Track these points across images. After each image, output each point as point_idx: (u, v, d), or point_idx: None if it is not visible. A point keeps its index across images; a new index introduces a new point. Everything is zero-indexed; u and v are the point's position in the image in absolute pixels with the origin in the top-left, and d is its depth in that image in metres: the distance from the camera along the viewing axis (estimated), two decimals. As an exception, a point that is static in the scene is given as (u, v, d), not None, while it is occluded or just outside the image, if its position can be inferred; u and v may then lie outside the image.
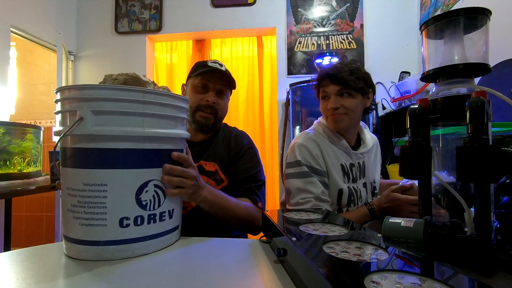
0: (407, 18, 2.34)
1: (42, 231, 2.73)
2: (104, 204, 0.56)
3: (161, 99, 0.62)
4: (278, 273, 0.52)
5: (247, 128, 2.64)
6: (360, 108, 0.98)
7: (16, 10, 2.07)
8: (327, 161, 0.97)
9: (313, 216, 0.70)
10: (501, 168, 0.54)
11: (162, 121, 0.62)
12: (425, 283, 0.34)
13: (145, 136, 0.59)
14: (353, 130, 1.03)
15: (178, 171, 0.66)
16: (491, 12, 0.56)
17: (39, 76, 2.96)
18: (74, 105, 0.57)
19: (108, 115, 0.56)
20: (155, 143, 0.62)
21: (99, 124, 0.56)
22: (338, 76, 0.93)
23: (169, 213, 0.65)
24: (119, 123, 0.57)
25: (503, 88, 1.08)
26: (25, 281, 0.48)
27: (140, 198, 0.59)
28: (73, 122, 0.55)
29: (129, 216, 0.58)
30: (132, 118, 0.58)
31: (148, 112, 0.59)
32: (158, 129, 0.61)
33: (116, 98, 0.57)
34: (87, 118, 0.55)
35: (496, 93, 0.50)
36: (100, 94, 0.56)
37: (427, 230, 0.48)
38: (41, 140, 1.65)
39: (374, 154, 1.10)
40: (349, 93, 0.94)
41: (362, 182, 1.02)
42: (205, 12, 2.54)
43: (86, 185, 0.56)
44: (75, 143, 0.57)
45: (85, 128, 0.55)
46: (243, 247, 0.67)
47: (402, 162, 0.58)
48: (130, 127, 0.57)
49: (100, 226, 0.57)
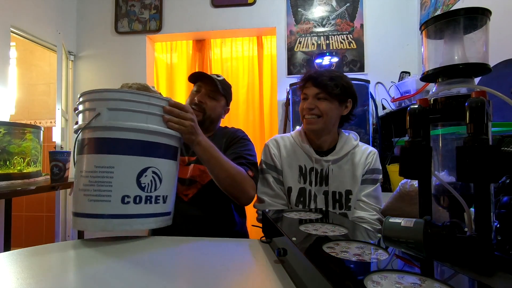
0: (407, 18, 2.34)
1: (42, 231, 2.73)
2: (110, 183, 0.68)
3: (162, 103, 0.75)
4: (278, 273, 0.52)
5: (247, 128, 2.64)
6: (335, 114, 1.00)
7: (16, 10, 2.07)
8: (283, 160, 1.04)
9: (313, 216, 0.70)
10: (501, 168, 0.54)
11: (161, 120, 0.75)
12: (425, 283, 0.34)
13: (148, 130, 0.72)
14: (327, 135, 1.02)
15: (177, 112, 0.78)
16: (491, 12, 0.56)
17: (39, 76, 2.96)
18: (94, 104, 0.70)
19: (119, 112, 0.70)
20: (155, 136, 0.73)
21: (112, 118, 0.69)
22: (318, 79, 0.97)
23: (163, 198, 0.76)
24: (128, 118, 0.70)
25: (503, 88, 1.08)
26: (25, 281, 0.48)
27: (140, 181, 0.70)
28: (92, 117, 0.69)
29: (129, 195, 0.69)
30: (138, 115, 0.71)
31: (151, 112, 0.73)
32: (158, 125, 0.74)
33: (127, 99, 0.70)
34: (103, 113, 0.69)
35: (496, 93, 0.50)
36: (114, 96, 0.70)
37: (427, 230, 0.48)
38: (41, 140, 1.65)
39: (353, 165, 1.01)
40: (325, 97, 0.97)
41: (323, 189, 1.00)
42: (205, 12, 2.54)
43: (97, 167, 0.69)
44: (92, 134, 0.70)
45: (101, 121, 0.69)
46: (243, 247, 0.67)
47: (402, 162, 0.58)
48: (136, 122, 0.70)
49: (106, 201, 0.67)
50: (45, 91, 2.94)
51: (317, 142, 1.03)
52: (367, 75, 2.33)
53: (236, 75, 2.73)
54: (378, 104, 2.23)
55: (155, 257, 0.60)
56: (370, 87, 2.06)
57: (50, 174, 1.45)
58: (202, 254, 0.63)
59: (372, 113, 2.15)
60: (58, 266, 0.57)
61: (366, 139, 1.88)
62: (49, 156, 1.44)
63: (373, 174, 1.02)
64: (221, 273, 0.53)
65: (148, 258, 0.59)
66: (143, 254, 0.62)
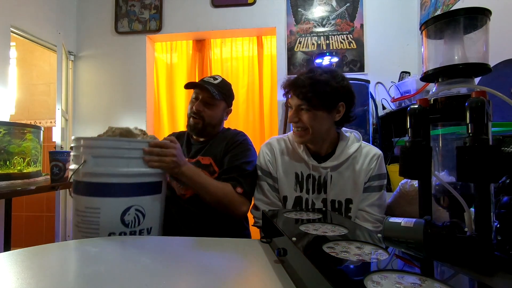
0: (407, 18, 2.34)
1: (42, 231, 2.73)
2: (98, 223, 0.77)
3: (142, 145, 0.82)
4: (278, 273, 0.52)
5: (247, 128, 2.64)
6: (325, 124, 0.91)
7: (16, 10, 2.07)
8: (278, 167, 0.99)
9: (313, 216, 0.70)
10: (501, 168, 0.54)
11: (142, 162, 0.81)
12: (425, 283, 0.34)
13: (130, 174, 0.79)
14: (322, 142, 0.95)
15: (157, 151, 0.83)
16: (491, 12, 0.56)
17: (39, 76, 2.96)
18: (81, 151, 0.79)
19: (103, 158, 0.78)
20: (137, 177, 0.81)
21: (97, 165, 0.77)
22: (297, 90, 0.89)
23: (147, 230, 0.83)
24: (111, 164, 0.78)
25: (503, 88, 1.08)
26: (25, 281, 0.48)
27: (123, 219, 0.78)
28: (80, 164, 0.77)
29: (115, 232, 0.78)
30: (120, 160, 0.78)
31: (132, 156, 0.80)
32: (140, 167, 0.81)
33: (109, 147, 0.78)
34: (89, 161, 0.77)
35: (496, 93, 0.50)
36: (98, 144, 0.79)
37: (427, 230, 0.48)
38: (41, 140, 1.64)
39: (354, 172, 0.93)
40: (309, 109, 0.89)
41: (321, 197, 0.93)
42: (205, 12, 2.54)
43: (87, 208, 0.78)
44: (81, 177, 0.79)
45: (87, 168, 0.77)
46: (243, 247, 0.67)
47: (402, 162, 0.58)
48: (119, 167, 0.78)
49: (95, 237, 0.76)
50: (45, 91, 2.94)
51: (313, 149, 0.97)
52: (367, 75, 2.33)
53: (236, 75, 2.73)
54: (378, 104, 2.23)
55: (155, 257, 0.60)
56: (370, 87, 2.06)
57: (50, 174, 1.45)
58: (202, 254, 0.63)
59: (372, 113, 2.14)
60: (58, 266, 0.57)
61: (366, 139, 1.88)
62: (49, 156, 1.44)
63: (377, 180, 0.93)
64: (221, 273, 0.53)
65: (148, 258, 0.59)
66: (143, 254, 0.62)
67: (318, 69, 0.92)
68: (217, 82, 1.15)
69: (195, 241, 0.72)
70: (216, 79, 1.16)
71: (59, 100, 2.22)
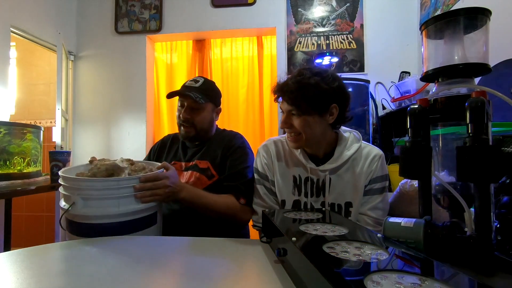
0: (407, 18, 2.34)
1: (42, 231, 2.73)
2: None
3: (132, 183, 0.78)
4: (278, 273, 0.52)
5: (247, 128, 2.64)
6: (318, 127, 0.87)
7: (16, 10, 2.07)
8: (276, 170, 0.96)
9: (313, 216, 0.70)
10: (501, 168, 0.54)
11: (134, 199, 0.78)
12: (425, 283, 0.34)
13: (121, 214, 0.76)
14: (318, 145, 0.92)
15: (149, 186, 0.80)
16: (491, 12, 0.56)
17: (39, 76, 2.96)
18: (70, 191, 0.76)
19: (92, 200, 0.75)
20: (129, 216, 0.78)
21: (86, 206, 0.75)
22: (286, 95, 0.87)
23: None
24: (100, 205, 0.75)
25: (503, 88, 1.08)
26: (25, 281, 0.48)
27: None
28: (69, 204, 0.75)
29: None
30: (110, 201, 0.76)
31: (122, 195, 0.77)
32: (131, 205, 0.78)
33: (97, 189, 0.75)
34: (77, 203, 0.74)
35: (496, 93, 0.50)
36: (86, 185, 0.76)
37: (427, 230, 0.48)
38: (41, 140, 1.64)
39: (354, 174, 0.90)
40: (299, 113, 0.86)
41: (320, 200, 0.91)
42: (205, 12, 2.54)
43: None
44: (72, 218, 0.77)
45: (76, 210, 0.75)
46: (243, 247, 0.67)
47: (402, 162, 0.58)
48: (108, 208, 0.76)
49: None
50: (45, 91, 2.94)
51: (310, 151, 0.94)
52: (367, 75, 2.33)
53: (236, 75, 2.72)
54: (378, 104, 2.23)
55: (155, 257, 0.60)
56: (370, 87, 2.05)
57: (50, 174, 1.45)
58: (202, 254, 0.63)
59: (372, 113, 2.14)
60: (58, 266, 0.57)
61: (366, 139, 1.88)
62: (49, 156, 1.44)
63: (379, 182, 0.89)
64: (221, 273, 0.53)
65: (147, 258, 0.59)
66: (143, 254, 0.62)
67: (307, 71, 0.87)
68: (198, 84, 1.12)
69: (195, 241, 0.72)
70: (197, 81, 1.13)
71: (59, 100, 2.22)
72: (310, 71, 0.87)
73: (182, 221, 1.04)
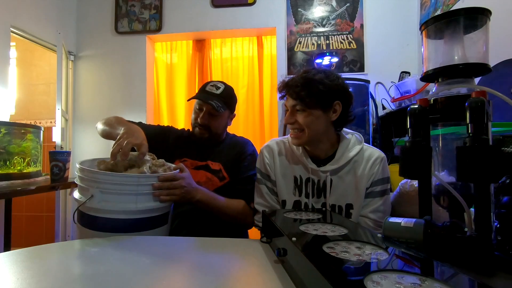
0: (407, 18, 2.33)
1: (42, 231, 2.73)
2: None
3: (151, 180, 0.79)
4: (278, 273, 0.52)
5: (247, 128, 2.64)
6: (321, 124, 0.88)
7: (16, 10, 2.07)
8: (277, 170, 0.97)
9: (313, 216, 0.70)
10: (501, 168, 0.54)
11: (151, 197, 0.79)
12: (425, 283, 0.34)
13: (138, 210, 0.76)
14: (320, 144, 0.92)
15: (166, 185, 0.81)
16: (491, 12, 0.56)
17: (39, 76, 2.96)
18: (88, 184, 0.75)
19: (111, 194, 0.74)
20: (144, 214, 0.78)
21: (104, 200, 0.74)
22: (291, 90, 0.88)
23: None
24: (119, 200, 0.74)
25: (503, 88, 1.08)
26: (25, 281, 0.48)
27: None
28: (87, 197, 0.74)
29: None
30: (128, 197, 0.75)
31: (141, 192, 0.77)
32: (148, 203, 0.78)
33: (117, 183, 0.74)
34: (96, 195, 0.73)
35: (496, 93, 0.50)
36: (106, 179, 0.74)
37: (427, 230, 0.48)
38: (41, 140, 1.64)
39: (355, 176, 0.90)
40: (303, 109, 0.87)
41: (321, 201, 0.91)
42: (205, 12, 2.54)
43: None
44: (87, 210, 0.75)
45: (94, 203, 0.73)
46: (243, 247, 0.67)
47: (402, 162, 0.58)
48: (126, 203, 0.75)
49: None
50: (45, 91, 2.94)
51: (312, 151, 0.94)
52: (367, 75, 2.33)
53: (236, 75, 2.72)
54: (378, 104, 2.23)
55: (155, 257, 0.60)
56: (370, 87, 2.05)
57: (50, 174, 1.45)
58: (202, 254, 0.63)
59: (372, 113, 2.14)
60: (58, 266, 0.57)
61: (366, 139, 1.87)
62: (49, 156, 1.44)
63: (380, 185, 0.89)
64: (221, 273, 0.53)
65: (148, 258, 0.59)
66: (142, 254, 0.62)
67: (312, 69, 0.91)
68: (220, 91, 1.12)
69: (195, 241, 0.72)
70: (218, 88, 1.13)
71: (59, 100, 2.22)
72: (316, 69, 0.92)
73: (181, 220, 1.04)
